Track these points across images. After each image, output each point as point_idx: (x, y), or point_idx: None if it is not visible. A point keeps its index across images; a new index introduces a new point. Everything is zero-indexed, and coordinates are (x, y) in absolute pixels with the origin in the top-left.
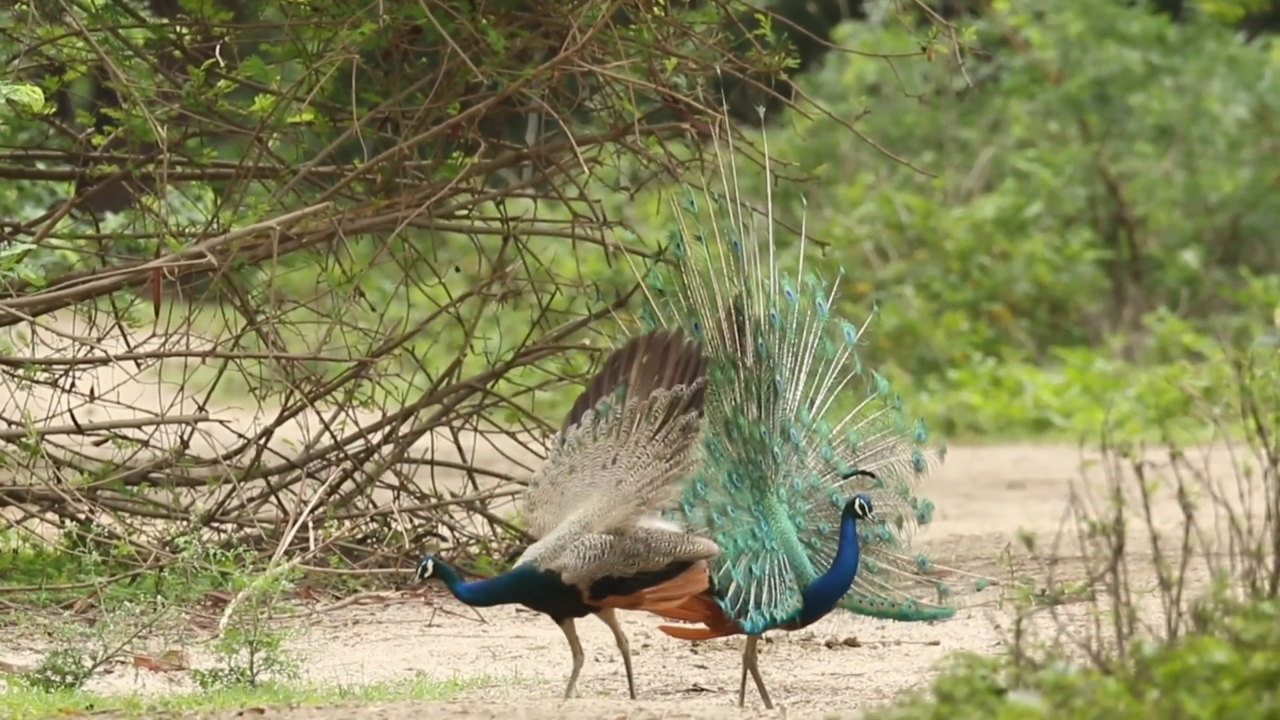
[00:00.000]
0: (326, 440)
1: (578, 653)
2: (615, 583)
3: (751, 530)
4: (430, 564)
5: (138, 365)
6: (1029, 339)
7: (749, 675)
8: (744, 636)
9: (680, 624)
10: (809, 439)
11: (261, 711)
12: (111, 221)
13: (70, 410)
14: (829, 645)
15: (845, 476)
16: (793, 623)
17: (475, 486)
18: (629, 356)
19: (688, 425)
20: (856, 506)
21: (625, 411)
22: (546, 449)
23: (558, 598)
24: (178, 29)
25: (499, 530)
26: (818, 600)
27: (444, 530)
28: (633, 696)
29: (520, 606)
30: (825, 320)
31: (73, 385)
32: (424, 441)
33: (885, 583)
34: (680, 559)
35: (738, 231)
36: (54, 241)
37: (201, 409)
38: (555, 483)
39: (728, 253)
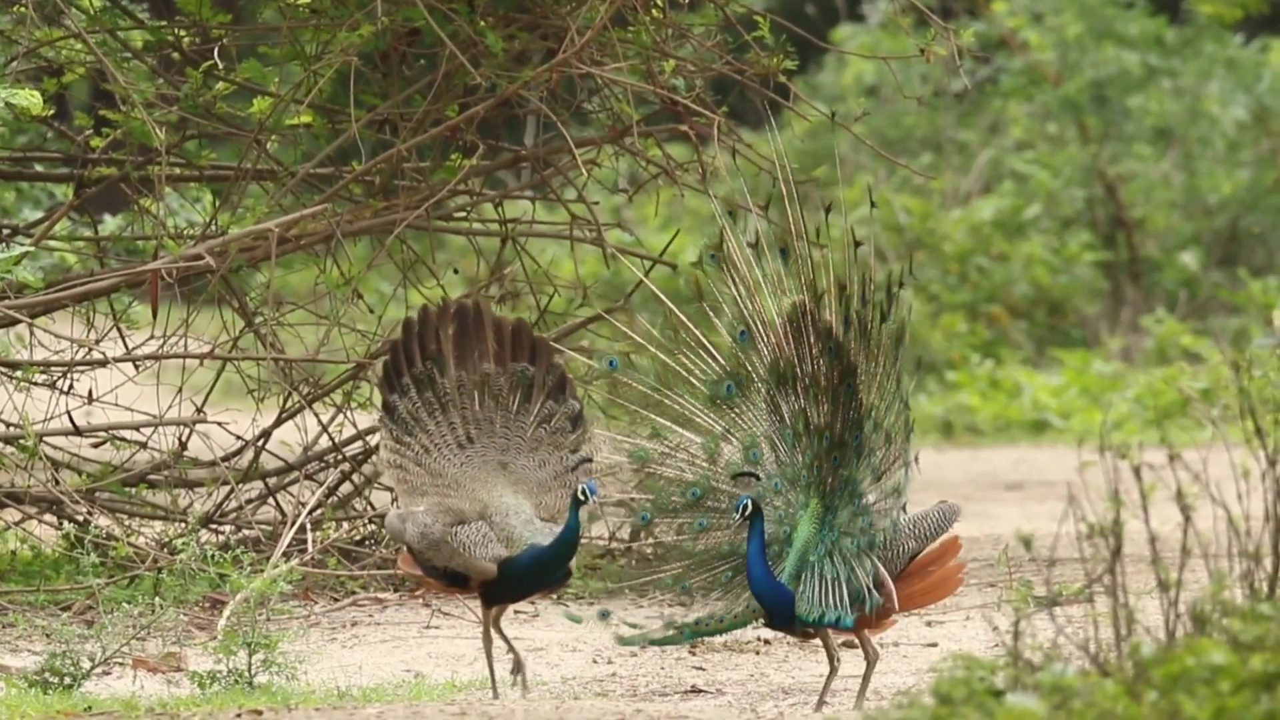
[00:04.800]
0: (325, 442)
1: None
2: None
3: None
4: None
5: (136, 367)
6: (1027, 340)
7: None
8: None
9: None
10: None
11: (260, 713)
12: (110, 223)
13: (68, 412)
14: None
15: (733, 478)
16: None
17: None
18: (432, 327)
19: (576, 416)
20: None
21: (451, 385)
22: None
23: (549, 578)
24: (176, 31)
25: None
26: (766, 611)
27: None
28: (495, 696)
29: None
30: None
31: (71, 387)
32: None
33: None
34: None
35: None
36: (52, 243)
37: (199, 411)
38: (420, 463)
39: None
